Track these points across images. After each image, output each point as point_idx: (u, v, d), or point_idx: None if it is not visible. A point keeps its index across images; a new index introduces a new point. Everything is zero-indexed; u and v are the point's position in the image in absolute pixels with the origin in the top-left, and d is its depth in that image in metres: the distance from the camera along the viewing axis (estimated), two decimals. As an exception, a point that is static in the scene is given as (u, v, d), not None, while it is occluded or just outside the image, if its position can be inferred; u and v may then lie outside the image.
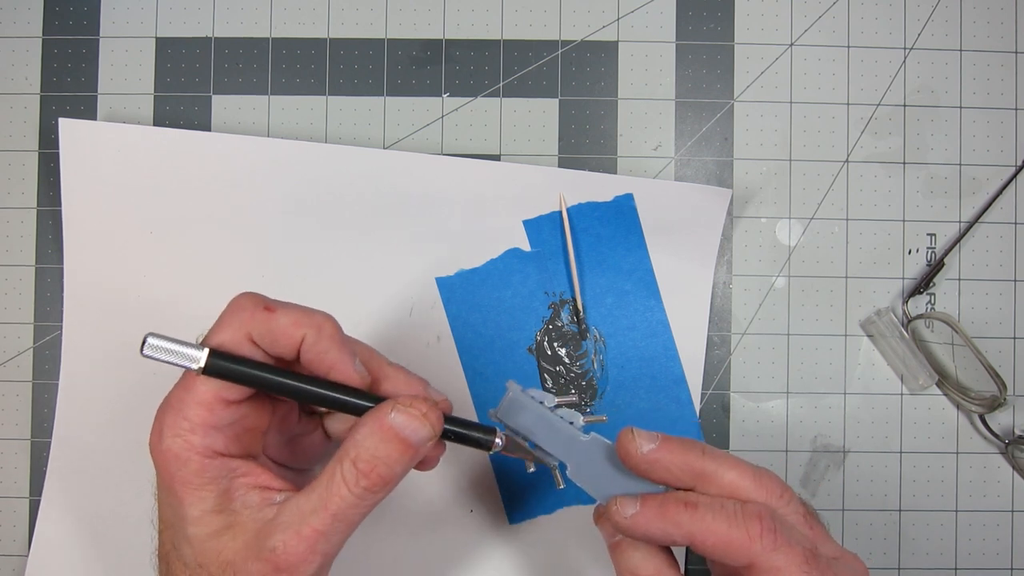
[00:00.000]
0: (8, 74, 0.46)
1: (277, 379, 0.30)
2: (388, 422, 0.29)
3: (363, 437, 0.29)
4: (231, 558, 0.29)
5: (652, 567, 0.31)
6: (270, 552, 0.28)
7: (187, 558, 0.30)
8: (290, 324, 0.30)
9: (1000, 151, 0.46)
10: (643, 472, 0.31)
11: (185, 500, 0.29)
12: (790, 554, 0.29)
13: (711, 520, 0.29)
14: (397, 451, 0.29)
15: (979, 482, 0.46)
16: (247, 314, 0.30)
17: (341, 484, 0.29)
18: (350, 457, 0.29)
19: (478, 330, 0.44)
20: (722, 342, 0.46)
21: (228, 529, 0.29)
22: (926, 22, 0.46)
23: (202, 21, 0.46)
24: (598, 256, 0.45)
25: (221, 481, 0.30)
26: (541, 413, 0.33)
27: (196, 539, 0.29)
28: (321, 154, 0.44)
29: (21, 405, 0.45)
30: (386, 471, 0.29)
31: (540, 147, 0.46)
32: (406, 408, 0.30)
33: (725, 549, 0.29)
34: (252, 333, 0.30)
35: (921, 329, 0.46)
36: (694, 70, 0.46)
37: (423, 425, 0.30)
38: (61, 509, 0.44)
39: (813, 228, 0.46)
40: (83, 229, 0.44)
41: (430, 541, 0.44)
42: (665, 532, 0.30)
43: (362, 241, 0.44)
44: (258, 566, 0.28)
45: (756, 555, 0.29)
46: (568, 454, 0.33)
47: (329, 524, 0.29)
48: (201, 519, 0.29)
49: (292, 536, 0.28)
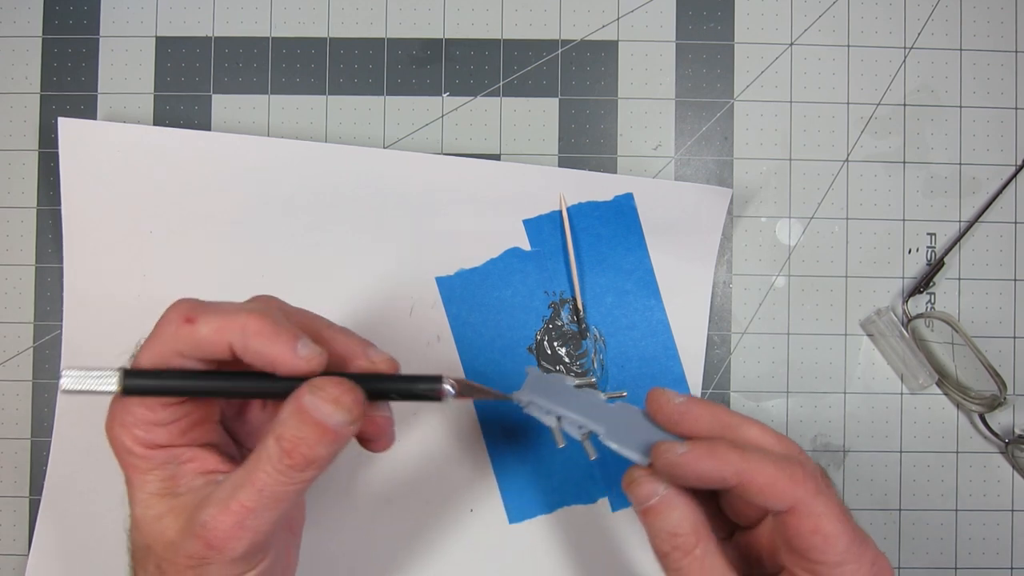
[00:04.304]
0: (8, 74, 0.46)
1: (201, 384, 0.30)
2: (304, 404, 0.29)
3: (286, 416, 0.29)
4: (171, 537, 0.29)
5: (689, 525, 0.31)
6: (200, 527, 0.29)
7: (137, 541, 0.31)
8: (212, 333, 0.30)
9: (1000, 151, 0.46)
10: (674, 423, 0.32)
11: (133, 483, 0.30)
12: (828, 503, 0.30)
13: (758, 461, 0.30)
14: (315, 433, 0.29)
15: (979, 482, 0.46)
16: (172, 328, 0.30)
17: (266, 461, 0.29)
18: (275, 434, 0.29)
19: (478, 330, 0.44)
20: (722, 341, 0.46)
21: (171, 511, 0.30)
22: (926, 22, 0.46)
23: (202, 21, 0.46)
24: (598, 255, 0.45)
25: (167, 467, 0.30)
26: (563, 388, 0.35)
27: (142, 521, 0.30)
28: (321, 154, 0.44)
29: (21, 405, 0.45)
30: (308, 451, 0.29)
31: (540, 147, 0.46)
32: (318, 391, 0.29)
33: (771, 490, 0.30)
34: (178, 348, 0.30)
35: (921, 328, 0.46)
36: (694, 69, 0.46)
37: (336, 409, 0.29)
38: (61, 509, 0.44)
39: (813, 228, 0.46)
40: (83, 229, 0.44)
41: (430, 541, 0.44)
42: (716, 469, 0.30)
43: (362, 241, 0.44)
44: (192, 543, 0.29)
45: (799, 498, 0.29)
46: (599, 420, 0.34)
47: (255, 499, 0.29)
48: (146, 502, 0.30)
49: (220, 510, 0.29)
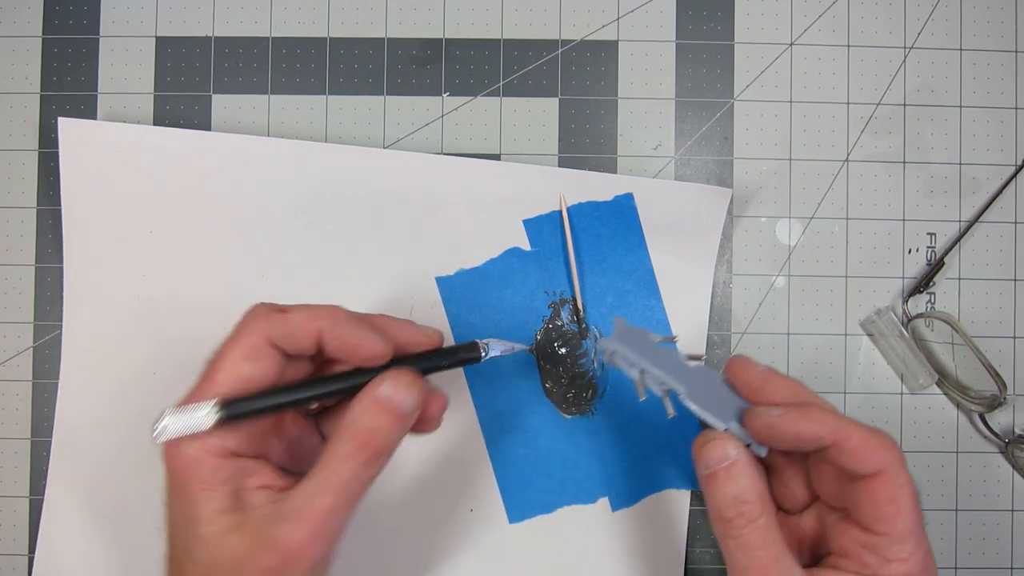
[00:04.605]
0: (8, 73, 0.46)
1: (289, 397, 0.32)
2: (379, 396, 0.31)
3: (358, 414, 0.31)
4: (240, 555, 0.30)
5: (756, 493, 0.32)
6: (277, 540, 0.29)
7: (198, 558, 0.30)
8: (305, 319, 0.32)
9: (1000, 151, 0.46)
10: (755, 389, 0.34)
11: (198, 500, 0.30)
12: (909, 478, 0.31)
13: (852, 424, 0.32)
14: (389, 421, 0.31)
15: (979, 482, 0.46)
16: (263, 319, 0.32)
17: (341, 460, 0.30)
18: (347, 433, 0.31)
19: (478, 329, 0.44)
20: (722, 341, 0.46)
21: (237, 527, 0.30)
22: (926, 21, 0.46)
23: (202, 21, 0.46)
24: (598, 255, 0.45)
25: (232, 481, 0.31)
26: (649, 343, 0.35)
27: (208, 538, 0.30)
28: (321, 153, 0.44)
29: (21, 405, 0.45)
30: (383, 441, 0.31)
31: (540, 147, 0.46)
32: (393, 381, 0.31)
33: (864, 451, 0.31)
34: (271, 335, 0.31)
35: (921, 328, 0.46)
36: (694, 69, 0.46)
37: (408, 395, 0.31)
38: (63, 510, 0.44)
39: (813, 227, 0.46)
40: (83, 229, 0.44)
41: (430, 541, 0.44)
42: (812, 430, 0.31)
43: (362, 240, 0.44)
44: (267, 557, 0.29)
45: (889, 463, 0.31)
46: (680, 379, 0.34)
47: (334, 501, 0.30)
48: (212, 518, 0.30)
49: (297, 519, 0.29)
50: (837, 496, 0.34)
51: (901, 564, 0.31)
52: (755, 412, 0.33)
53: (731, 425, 0.34)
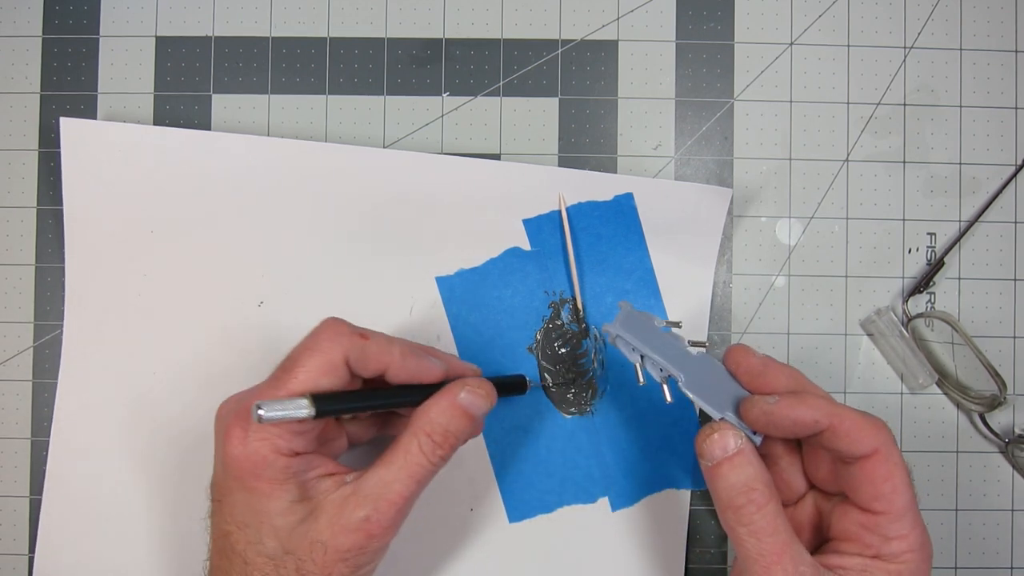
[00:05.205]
0: (8, 73, 0.46)
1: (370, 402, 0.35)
2: (458, 401, 0.35)
3: (436, 415, 0.34)
4: (318, 537, 0.32)
5: (764, 481, 0.33)
6: (363, 521, 0.32)
7: (271, 550, 0.33)
8: (378, 351, 0.35)
9: (1000, 150, 0.46)
10: (755, 375, 0.35)
11: (272, 495, 0.33)
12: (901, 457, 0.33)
13: (844, 407, 0.33)
14: (465, 423, 0.35)
15: (979, 481, 0.46)
16: (345, 339, 0.34)
17: (420, 454, 0.34)
18: (425, 431, 0.34)
19: (478, 329, 0.44)
20: (722, 341, 0.46)
21: (311, 514, 0.33)
22: (926, 21, 0.46)
23: (202, 20, 0.46)
24: (598, 255, 0.45)
25: (300, 475, 0.34)
26: (652, 329, 0.36)
27: (284, 529, 0.33)
28: (321, 153, 0.44)
29: (21, 405, 0.45)
30: (455, 441, 0.35)
31: (540, 146, 0.46)
32: (474, 389, 0.36)
33: (859, 432, 0.32)
34: (349, 356, 0.34)
35: (921, 328, 0.46)
36: (694, 69, 0.46)
37: (485, 401, 0.36)
38: (62, 509, 0.44)
39: (813, 227, 0.46)
40: (84, 228, 0.44)
41: (430, 540, 0.44)
42: (808, 415, 0.33)
43: (362, 240, 0.44)
44: (350, 537, 0.32)
45: (883, 443, 0.32)
46: (680, 366, 0.35)
47: (413, 488, 0.34)
48: (288, 510, 0.33)
49: (382, 503, 0.33)
50: (833, 481, 0.35)
51: (901, 541, 0.32)
52: (752, 401, 0.34)
53: (727, 414, 0.34)
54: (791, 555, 0.31)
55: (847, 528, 0.33)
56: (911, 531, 0.32)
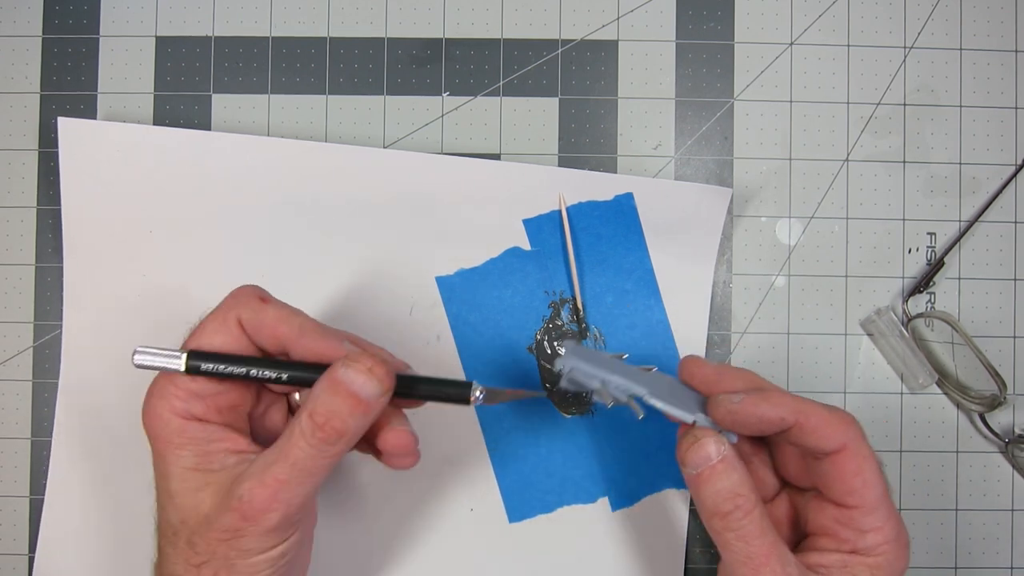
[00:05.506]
0: (8, 73, 0.46)
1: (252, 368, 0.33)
2: (338, 377, 0.31)
3: (319, 392, 0.31)
4: (206, 511, 0.31)
5: (750, 486, 0.32)
6: (237, 500, 0.30)
7: (171, 517, 0.32)
8: (275, 319, 0.33)
9: (1000, 150, 0.46)
10: (711, 383, 0.35)
11: (168, 457, 0.32)
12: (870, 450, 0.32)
13: (810, 403, 0.32)
14: (348, 405, 0.31)
15: (979, 481, 0.46)
16: (243, 300, 0.33)
17: (299, 436, 0.31)
18: (307, 411, 0.31)
19: (478, 329, 0.44)
20: (722, 341, 0.46)
21: (207, 486, 0.31)
22: (926, 21, 0.46)
23: (202, 20, 0.46)
24: (598, 255, 0.45)
25: (200, 443, 0.32)
26: (603, 356, 0.36)
27: (177, 494, 0.31)
28: (321, 153, 0.44)
29: (21, 405, 0.45)
30: (340, 424, 0.31)
31: (540, 146, 0.46)
32: (353, 363, 0.31)
33: (826, 428, 0.32)
34: (242, 317, 0.33)
35: (921, 328, 0.46)
36: (694, 69, 0.46)
37: (369, 379, 0.31)
38: (63, 509, 0.44)
39: (813, 227, 0.46)
40: (83, 228, 0.44)
41: (430, 540, 0.44)
42: (774, 411, 0.32)
43: (362, 240, 0.44)
44: (228, 516, 0.30)
45: (851, 437, 0.32)
46: (640, 383, 0.35)
47: (289, 473, 0.30)
48: (182, 476, 0.32)
49: (257, 483, 0.30)
50: (805, 476, 0.35)
51: (876, 533, 0.32)
52: (717, 400, 0.33)
53: (698, 416, 0.34)
54: (778, 556, 0.31)
55: (823, 523, 0.33)
56: (885, 523, 0.32)
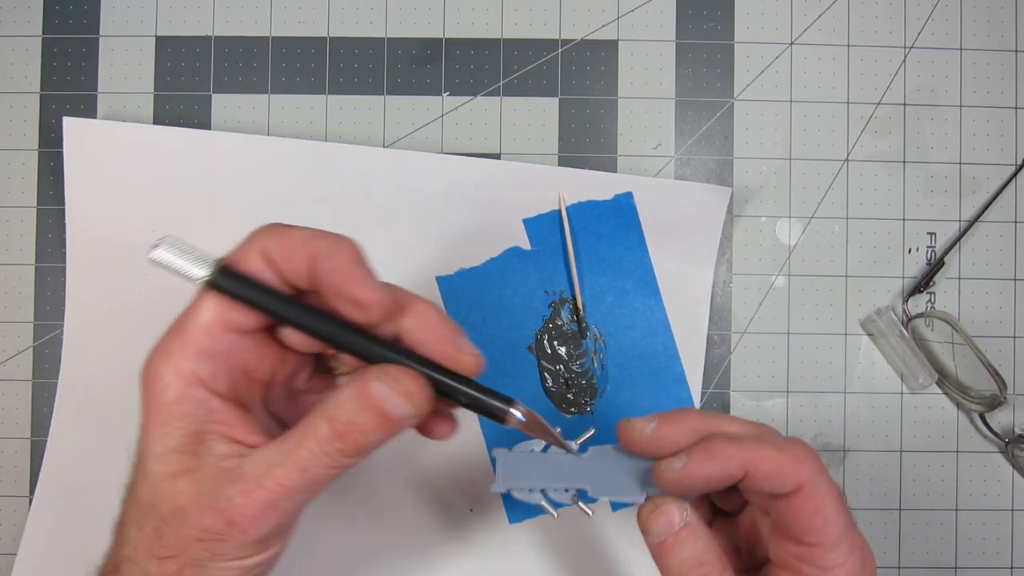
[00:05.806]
0: (8, 73, 0.46)
1: (285, 307, 0.28)
2: (370, 391, 0.27)
3: (344, 399, 0.27)
4: (184, 504, 0.27)
5: (714, 553, 0.30)
6: (225, 502, 0.26)
7: (140, 496, 0.28)
8: (303, 239, 0.28)
9: (1000, 150, 0.46)
10: (654, 451, 0.31)
11: (152, 433, 0.28)
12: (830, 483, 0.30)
13: (759, 447, 0.30)
14: (375, 422, 0.27)
15: (979, 481, 0.46)
16: (266, 231, 0.29)
17: (313, 440, 0.27)
18: (328, 415, 0.27)
19: (478, 329, 0.44)
20: (722, 341, 0.46)
21: (188, 473, 0.27)
22: (926, 21, 0.46)
23: (202, 20, 0.46)
24: (598, 255, 0.45)
25: (194, 419, 0.28)
26: (535, 459, 0.33)
27: (153, 476, 0.27)
28: (321, 153, 0.44)
29: (21, 405, 0.45)
30: (361, 439, 0.27)
31: (540, 146, 0.46)
32: (391, 381, 0.28)
33: (778, 473, 0.29)
34: (267, 247, 0.29)
35: (921, 328, 0.46)
36: (694, 69, 0.46)
37: (405, 403, 0.27)
38: (55, 509, 0.43)
39: (813, 227, 0.46)
40: (86, 227, 0.44)
41: (430, 541, 0.44)
42: (721, 468, 0.30)
43: (362, 240, 0.44)
44: (210, 517, 0.26)
45: (806, 477, 0.29)
46: (580, 479, 0.33)
47: (294, 478, 0.27)
48: (163, 456, 0.27)
49: (252, 487, 0.26)
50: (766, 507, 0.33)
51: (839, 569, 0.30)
52: (659, 471, 0.31)
53: (650, 491, 0.32)
54: None
55: (784, 558, 0.31)
56: (848, 557, 0.30)
